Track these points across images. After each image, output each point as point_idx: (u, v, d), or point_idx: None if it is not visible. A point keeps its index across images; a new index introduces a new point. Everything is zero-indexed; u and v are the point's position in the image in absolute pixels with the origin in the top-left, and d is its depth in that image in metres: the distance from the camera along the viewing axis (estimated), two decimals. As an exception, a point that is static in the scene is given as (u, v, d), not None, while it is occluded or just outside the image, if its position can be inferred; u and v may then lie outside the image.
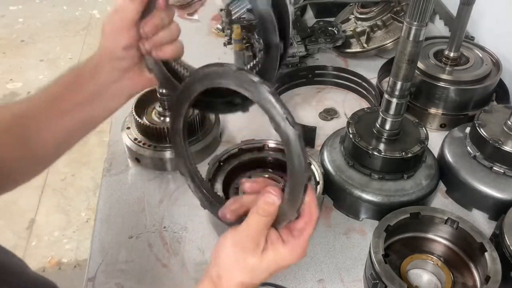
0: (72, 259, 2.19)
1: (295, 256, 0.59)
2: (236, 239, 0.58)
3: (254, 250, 0.57)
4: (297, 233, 0.59)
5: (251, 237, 0.57)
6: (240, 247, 0.57)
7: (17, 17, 3.92)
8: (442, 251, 0.88)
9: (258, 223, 0.57)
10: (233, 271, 0.58)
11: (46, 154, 0.73)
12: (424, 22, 0.78)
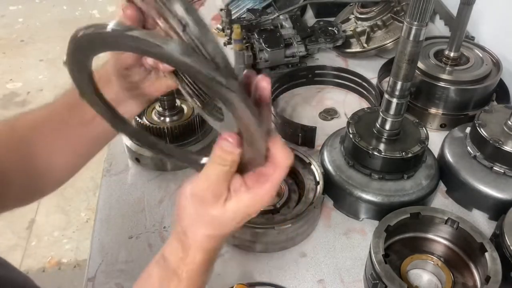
0: (72, 259, 2.19)
1: (260, 202, 0.54)
2: (195, 191, 0.54)
3: (215, 201, 0.53)
4: (263, 179, 0.53)
5: (210, 189, 0.53)
6: (200, 200, 0.53)
7: (17, 17, 3.92)
8: (442, 251, 0.88)
9: (217, 173, 0.52)
10: (197, 225, 0.55)
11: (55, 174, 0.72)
12: (424, 22, 0.78)
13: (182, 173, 1.08)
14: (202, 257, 0.56)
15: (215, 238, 0.56)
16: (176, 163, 1.07)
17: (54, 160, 0.70)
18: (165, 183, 1.06)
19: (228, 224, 0.55)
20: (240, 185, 0.54)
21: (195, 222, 0.55)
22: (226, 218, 0.54)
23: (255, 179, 0.54)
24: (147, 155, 1.06)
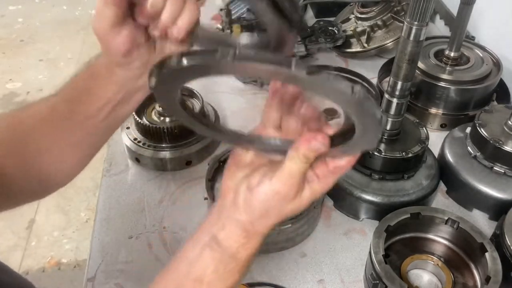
0: (71, 259, 2.19)
1: (324, 190, 0.55)
2: (276, 188, 0.53)
3: (295, 196, 0.53)
4: (335, 170, 0.53)
5: (293, 185, 0.52)
6: (282, 197, 0.53)
7: (17, 17, 3.92)
8: (443, 251, 0.88)
9: (300, 170, 0.52)
10: (271, 217, 0.55)
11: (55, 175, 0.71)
12: (424, 22, 0.78)
13: (182, 173, 1.08)
14: (260, 242, 0.56)
15: (274, 226, 0.57)
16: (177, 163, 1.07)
17: (59, 157, 0.69)
18: (165, 183, 1.06)
19: (293, 212, 0.56)
20: (312, 175, 0.54)
21: (270, 215, 0.55)
22: (296, 208, 0.55)
23: (325, 166, 0.54)
24: (147, 155, 1.06)
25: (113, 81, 0.65)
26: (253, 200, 0.54)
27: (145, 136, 1.07)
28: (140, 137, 1.08)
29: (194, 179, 1.06)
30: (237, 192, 0.56)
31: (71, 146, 0.70)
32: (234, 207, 0.55)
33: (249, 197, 0.55)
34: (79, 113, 0.67)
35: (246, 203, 0.55)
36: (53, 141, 0.68)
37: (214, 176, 0.97)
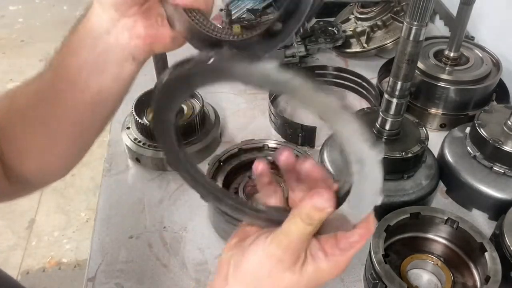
0: (72, 259, 2.19)
1: (336, 273, 0.48)
2: (271, 250, 0.46)
3: (293, 264, 0.46)
4: (346, 246, 0.46)
5: (291, 249, 0.45)
6: (276, 261, 0.46)
7: (17, 17, 3.92)
8: (442, 251, 0.88)
9: (300, 232, 0.45)
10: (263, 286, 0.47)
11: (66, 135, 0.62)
12: (424, 22, 0.78)
13: (182, 173, 1.08)
14: None
15: None
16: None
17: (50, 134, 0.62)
18: (165, 183, 1.06)
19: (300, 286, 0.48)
20: (318, 250, 0.47)
21: (263, 284, 0.47)
22: (299, 286, 0.47)
23: (335, 244, 0.47)
24: (147, 155, 1.06)
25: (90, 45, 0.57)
26: (243, 262, 0.48)
27: (145, 136, 1.07)
28: (140, 137, 1.08)
29: (194, 179, 1.06)
30: (229, 265, 0.49)
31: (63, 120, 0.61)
32: (224, 281, 0.49)
33: (239, 260, 0.48)
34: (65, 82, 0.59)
35: (236, 268, 0.48)
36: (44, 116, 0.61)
37: (214, 176, 0.97)
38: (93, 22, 0.56)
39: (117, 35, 0.55)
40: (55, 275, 2.13)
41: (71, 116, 0.61)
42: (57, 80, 0.59)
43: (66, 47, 0.61)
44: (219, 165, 0.98)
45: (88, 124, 0.63)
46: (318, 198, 0.43)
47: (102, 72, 0.57)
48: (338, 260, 0.47)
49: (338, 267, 0.48)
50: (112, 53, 0.56)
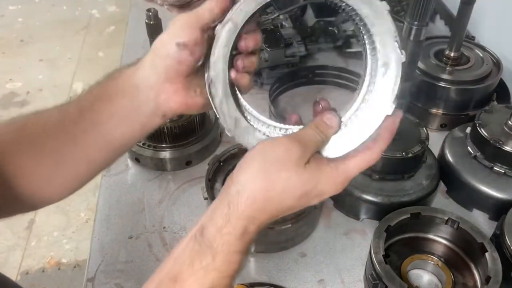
0: (71, 259, 2.19)
1: (336, 185, 0.53)
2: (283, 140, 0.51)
3: (300, 157, 0.50)
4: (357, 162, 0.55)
5: (300, 142, 0.51)
6: (284, 148, 0.50)
7: (17, 17, 3.92)
8: (443, 251, 0.88)
9: (310, 136, 0.53)
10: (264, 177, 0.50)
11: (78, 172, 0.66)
12: (424, 22, 0.78)
13: (182, 173, 1.08)
14: (243, 228, 0.49)
15: (268, 208, 0.50)
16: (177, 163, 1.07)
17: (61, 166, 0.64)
18: (165, 183, 1.06)
19: (294, 193, 0.51)
20: (322, 158, 0.54)
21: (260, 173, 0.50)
22: (297, 183, 0.50)
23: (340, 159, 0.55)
24: (147, 155, 1.06)
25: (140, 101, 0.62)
26: (249, 156, 0.52)
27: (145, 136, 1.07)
28: (140, 137, 1.08)
29: (194, 179, 1.06)
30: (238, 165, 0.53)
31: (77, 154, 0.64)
32: (229, 181, 0.52)
33: (246, 156, 0.52)
34: (86, 120, 0.63)
35: (241, 164, 0.52)
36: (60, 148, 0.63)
37: (214, 176, 0.97)
38: (140, 77, 0.61)
39: (158, 95, 0.61)
40: (55, 275, 2.12)
41: (87, 155, 0.64)
42: (82, 119, 0.62)
43: (101, 90, 0.63)
44: (219, 165, 0.98)
45: (101, 163, 0.67)
46: (327, 114, 0.56)
47: (132, 122, 0.63)
48: (342, 170, 0.54)
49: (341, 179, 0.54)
50: (147, 107, 0.62)
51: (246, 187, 0.50)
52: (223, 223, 0.49)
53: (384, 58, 0.56)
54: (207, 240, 0.49)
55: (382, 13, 0.55)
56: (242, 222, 0.49)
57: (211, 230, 0.49)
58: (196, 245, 0.49)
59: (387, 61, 0.56)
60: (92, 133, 0.62)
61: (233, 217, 0.49)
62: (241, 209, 0.49)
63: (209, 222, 0.50)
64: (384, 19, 0.55)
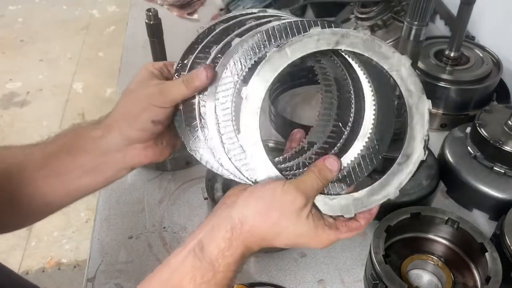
0: (71, 260, 2.19)
1: (324, 244, 0.58)
2: (288, 189, 0.54)
3: (302, 208, 0.54)
4: (344, 229, 0.58)
5: (303, 193, 0.54)
6: (290, 198, 0.54)
7: (17, 17, 3.91)
8: (443, 251, 0.88)
9: (313, 183, 0.56)
10: (266, 219, 0.54)
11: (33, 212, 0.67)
12: (424, 22, 0.78)
13: (182, 173, 1.08)
14: (241, 253, 0.55)
15: (262, 243, 0.56)
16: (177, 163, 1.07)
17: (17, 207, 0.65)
18: (165, 183, 1.06)
19: (288, 238, 0.56)
20: (320, 217, 0.58)
21: (265, 216, 0.54)
22: (294, 232, 0.55)
23: (334, 223, 0.58)
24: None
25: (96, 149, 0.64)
26: (259, 192, 0.55)
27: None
28: (140, 137, 1.07)
29: (194, 179, 1.06)
30: (242, 193, 0.56)
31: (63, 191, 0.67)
32: (233, 204, 0.56)
33: (256, 190, 0.55)
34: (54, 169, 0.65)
35: (249, 196, 0.55)
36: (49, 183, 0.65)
37: (214, 176, 0.97)
38: (108, 143, 0.64)
39: (126, 154, 0.65)
40: (55, 276, 2.12)
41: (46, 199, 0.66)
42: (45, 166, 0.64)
43: (67, 141, 0.65)
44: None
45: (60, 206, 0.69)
46: (328, 158, 0.58)
47: (97, 176, 0.65)
48: (331, 234, 0.57)
49: (328, 240, 0.58)
50: (114, 163, 0.65)
51: (249, 221, 0.54)
52: (225, 246, 0.54)
53: (407, 150, 0.62)
54: (208, 258, 0.53)
55: (423, 109, 0.61)
56: (241, 249, 0.55)
57: (214, 250, 0.54)
58: (197, 261, 0.53)
59: (408, 154, 0.63)
60: (54, 181, 0.64)
61: (235, 243, 0.54)
62: (241, 238, 0.54)
63: (210, 242, 0.54)
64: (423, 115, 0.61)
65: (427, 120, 0.62)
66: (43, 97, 3.08)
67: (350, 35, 0.56)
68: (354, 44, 0.57)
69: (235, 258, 0.54)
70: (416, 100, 0.61)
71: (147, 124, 0.62)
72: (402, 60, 0.59)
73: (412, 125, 0.62)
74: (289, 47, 0.55)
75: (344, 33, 0.56)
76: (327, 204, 0.59)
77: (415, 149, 0.63)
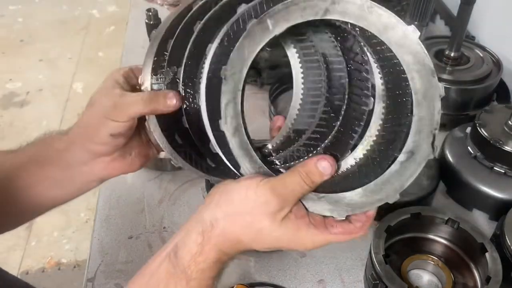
0: (71, 260, 2.19)
1: (310, 246, 0.51)
2: (262, 190, 0.48)
3: (276, 212, 0.48)
4: (335, 229, 0.51)
5: (280, 196, 0.48)
6: (263, 201, 0.48)
7: (17, 17, 3.91)
8: (443, 251, 0.88)
9: (295, 186, 0.48)
10: (237, 222, 0.49)
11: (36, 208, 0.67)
12: (424, 22, 0.78)
13: (182, 173, 1.08)
14: (215, 258, 0.50)
15: (239, 246, 0.51)
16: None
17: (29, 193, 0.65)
18: (165, 183, 1.06)
19: (265, 242, 0.50)
20: (305, 215, 0.50)
21: (237, 219, 0.49)
22: (270, 236, 0.49)
23: (322, 222, 0.51)
24: (147, 155, 1.06)
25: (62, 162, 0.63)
26: (231, 192, 0.50)
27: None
28: (140, 137, 1.07)
29: (194, 179, 1.06)
30: (216, 193, 0.52)
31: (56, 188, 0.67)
32: (207, 205, 0.51)
33: (229, 189, 0.50)
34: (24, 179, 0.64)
35: (221, 196, 0.50)
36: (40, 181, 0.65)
37: (214, 176, 0.96)
38: (71, 156, 0.62)
39: (93, 167, 0.63)
40: (55, 276, 2.12)
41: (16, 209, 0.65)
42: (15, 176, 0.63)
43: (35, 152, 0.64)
44: (219, 165, 0.97)
45: (31, 217, 0.69)
46: (322, 160, 0.49)
47: (66, 188, 0.65)
48: (320, 234, 0.50)
49: (314, 242, 0.50)
50: (82, 176, 0.64)
51: (219, 224, 0.50)
52: (197, 251, 0.50)
53: (410, 145, 0.50)
54: (181, 264, 0.50)
55: (433, 95, 0.48)
56: (214, 254, 0.50)
57: (186, 256, 0.50)
58: (171, 267, 0.50)
59: (412, 150, 0.50)
60: (24, 193, 0.63)
61: (206, 248, 0.50)
62: (213, 242, 0.50)
63: (183, 246, 0.51)
64: (432, 103, 0.48)
65: (439, 110, 0.49)
66: (43, 97, 3.08)
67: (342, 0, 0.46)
68: (348, 12, 0.47)
69: (208, 264, 0.50)
70: (424, 84, 0.48)
71: (106, 138, 0.60)
72: (408, 33, 0.47)
73: (418, 115, 0.49)
74: (270, 18, 0.46)
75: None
76: (314, 202, 0.51)
77: (421, 145, 0.50)
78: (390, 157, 0.52)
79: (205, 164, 0.61)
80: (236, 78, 0.48)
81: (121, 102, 0.57)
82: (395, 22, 0.47)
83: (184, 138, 0.61)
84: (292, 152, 0.56)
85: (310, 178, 0.49)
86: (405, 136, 0.51)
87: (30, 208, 0.66)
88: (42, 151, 0.64)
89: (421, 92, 0.49)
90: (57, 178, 0.64)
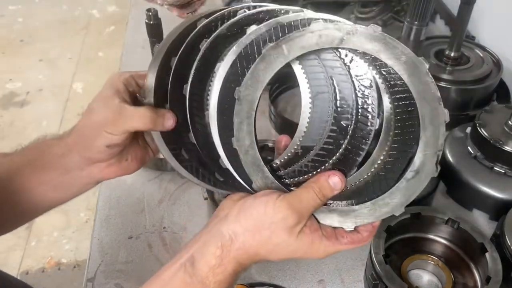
0: (71, 260, 2.19)
1: (324, 255, 0.55)
2: (280, 206, 0.51)
3: (293, 227, 0.52)
4: (345, 240, 0.56)
5: (297, 211, 0.52)
6: (281, 217, 0.51)
7: (17, 17, 3.91)
8: (443, 251, 0.88)
9: (309, 201, 0.53)
10: (256, 237, 0.52)
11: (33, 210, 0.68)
12: (424, 22, 0.78)
13: (182, 173, 1.08)
14: (232, 270, 0.53)
15: (256, 258, 0.54)
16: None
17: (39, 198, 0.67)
18: (165, 183, 1.06)
19: (281, 254, 0.54)
20: (317, 228, 0.54)
21: (256, 233, 0.52)
22: (287, 249, 0.53)
23: (333, 234, 0.55)
24: (147, 155, 1.06)
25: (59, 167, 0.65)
26: (250, 208, 0.53)
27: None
28: (140, 137, 1.07)
29: (194, 179, 1.06)
30: (233, 207, 0.54)
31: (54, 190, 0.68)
32: (224, 219, 0.54)
33: (247, 206, 0.53)
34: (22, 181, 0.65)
35: (241, 211, 0.53)
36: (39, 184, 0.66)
37: (214, 176, 0.96)
38: (68, 162, 0.63)
39: (90, 172, 0.65)
40: (55, 276, 2.12)
41: (13, 212, 0.66)
42: (11, 181, 0.63)
43: (31, 156, 0.65)
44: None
45: (29, 219, 0.70)
46: (333, 176, 0.54)
47: (64, 191, 0.66)
48: (329, 246, 0.55)
49: (326, 252, 0.55)
50: (79, 180, 0.65)
51: (239, 238, 0.53)
52: (216, 263, 0.52)
53: (416, 164, 0.55)
54: (198, 275, 0.52)
55: (438, 120, 0.54)
56: (232, 266, 0.53)
57: (203, 267, 0.52)
58: (187, 277, 0.52)
59: (418, 169, 0.55)
60: (20, 196, 0.64)
61: (225, 260, 0.53)
62: (232, 255, 0.53)
63: (200, 258, 0.53)
64: (437, 128, 0.54)
65: (443, 133, 0.54)
66: (43, 97, 3.08)
67: (357, 31, 0.50)
68: (362, 43, 0.50)
69: (225, 276, 0.53)
70: (431, 110, 0.54)
71: (103, 148, 0.61)
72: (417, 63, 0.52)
73: (424, 138, 0.54)
74: (286, 43, 0.49)
75: (350, 30, 0.50)
76: (326, 215, 0.55)
77: (426, 165, 0.55)
78: (397, 175, 0.56)
79: (213, 178, 0.63)
80: (250, 99, 0.51)
81: (119, 116, 0.58)
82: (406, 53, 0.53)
83: (190, 152, 0.63)
84: (300, 167, 0.58)
85: (322, 193, 0.54)
86: (412, 156, 0.55)
87: (28, 210, 0.67)
88: (39, 156, 0.65)
89: (428, 117, 0.54)
90: (55, 181, 0.65)
